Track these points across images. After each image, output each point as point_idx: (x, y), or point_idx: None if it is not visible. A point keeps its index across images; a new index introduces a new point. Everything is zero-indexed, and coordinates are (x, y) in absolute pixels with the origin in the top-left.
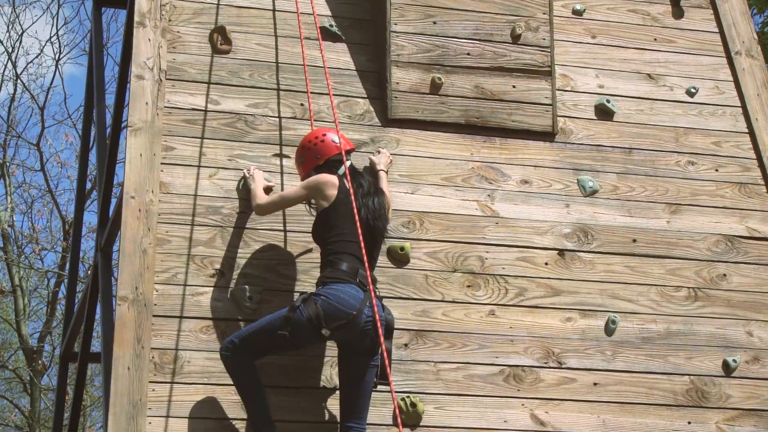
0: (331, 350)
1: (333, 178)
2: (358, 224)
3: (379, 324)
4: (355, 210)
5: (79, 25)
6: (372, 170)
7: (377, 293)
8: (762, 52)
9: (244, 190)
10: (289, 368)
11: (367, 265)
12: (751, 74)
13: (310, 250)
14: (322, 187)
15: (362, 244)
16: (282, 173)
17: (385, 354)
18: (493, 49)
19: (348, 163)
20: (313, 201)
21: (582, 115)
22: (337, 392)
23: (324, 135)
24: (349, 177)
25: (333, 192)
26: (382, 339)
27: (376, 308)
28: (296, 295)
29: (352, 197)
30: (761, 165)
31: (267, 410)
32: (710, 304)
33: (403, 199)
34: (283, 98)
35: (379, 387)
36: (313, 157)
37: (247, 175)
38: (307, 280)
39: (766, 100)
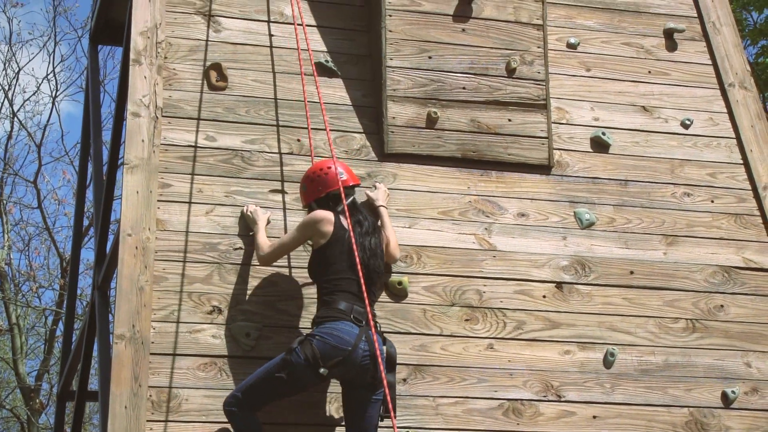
0: (334, 386)
1: (329, 215)
2: (357, 260)
3: (379, 357)
4: (355, 247)
5: (76, 62)
6: (371, 206)
7: (378, 328)
8: (756, 84)
9: (243, 226)
10: (292, 404)
11: (367, 301)
12: (744, 106)
13: (312, 283)
14: (317, 225)
15: (362, 281)
16: (285, 209)
17: (386, 389)
18: (488, 83)
19: (349, 200)
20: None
21: (578, 147)
22: (338, 428)
23: (329, 168)
24: (348, 214)
25: (329, 228)
26: (383, 372)
27: (376, 342)
28: (295, 332)
29: (351, 234)
30: (756, 196)
31: None
32: (708, 335)
33: (401, 234)
34: (280, 134)
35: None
36: (316, 188)
37: (246, 214)
38: (306, 317)
39: (760, 132)
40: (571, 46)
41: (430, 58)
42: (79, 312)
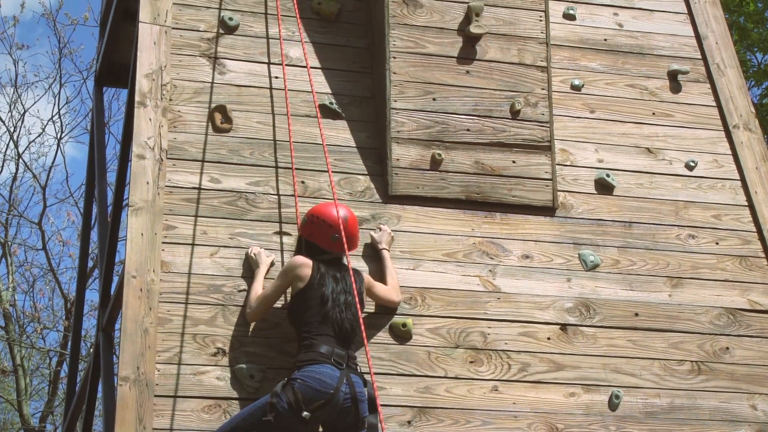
0: None
1: (307, 260)
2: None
3: (377, 401)
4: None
5: (81, 104)
6: (374, 248)
7: (358, 370)
8: (761, 125)
9: (247, 268)
10: None
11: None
12: (749, 147)
13: None
14: (296, 270)
15: (359, 308)
16: (282, 251)
17: (382, 425)
18: (492, 125)
19: (331, 256)
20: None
21: (582, 189)
22: None
23: (331, 226)
24: (325, 269)
25: (307, 272)
26: (381, 416)
27: (368, 383)
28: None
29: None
30: (761, 238)
31: None
32: (713, 377)
33: (405, 275)
34: (284, 176)
35: None
36: (311, 233)
37: (250, 255)
38: None
39: (765, 173)
40: (575, 88)
41: (434, 99)
42: (84, 353)
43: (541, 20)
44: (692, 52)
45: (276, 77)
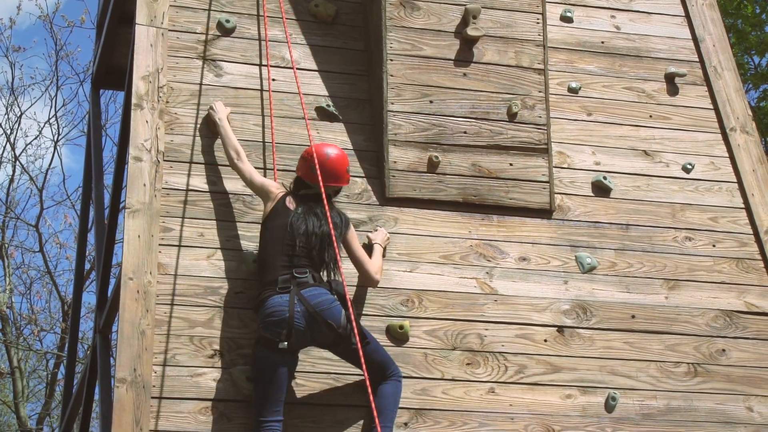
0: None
1: (279, 192)
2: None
3: (353, 314)
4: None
5: (78, 106)
6: (368, 246)
7: (317, 280)
8: (758, 128)
9: (244, 270)
10: None
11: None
12: (746, 150)
13: None
14: (265, 194)
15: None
16: None
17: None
18: (489, 128)
19: (311, 192)
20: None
21: (579, 192)
22: None
23: (313, 157)
24: (294, 200)
25: (270, 205)
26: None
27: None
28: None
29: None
30: (758, 240)
31: None
32: (710, 379)
33: (402, 278)
34: (281, 178)
35: None
36: (298, 167)
37: (212, 112)
38: (306, 360)
39: (761, 176)
40: (573, 91)
41: (431, 102)
42: (81, 356)
43: (538, 23)
44: (689, 55)
45: (273, 80)
